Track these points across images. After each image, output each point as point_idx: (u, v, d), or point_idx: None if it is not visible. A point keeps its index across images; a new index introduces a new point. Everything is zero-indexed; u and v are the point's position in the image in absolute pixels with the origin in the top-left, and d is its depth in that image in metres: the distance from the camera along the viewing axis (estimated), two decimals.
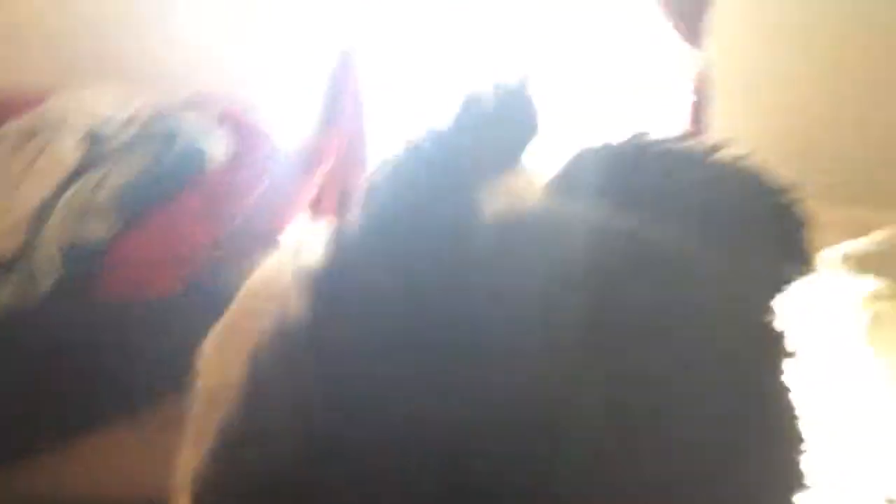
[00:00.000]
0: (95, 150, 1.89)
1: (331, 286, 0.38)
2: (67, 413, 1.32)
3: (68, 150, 1.86)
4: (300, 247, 1.04)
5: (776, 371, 0.42)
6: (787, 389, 0.42)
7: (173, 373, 1.33)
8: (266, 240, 1.72)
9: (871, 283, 1.95)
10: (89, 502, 1.38)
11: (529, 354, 0.32)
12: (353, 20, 2.45)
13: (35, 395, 1.29)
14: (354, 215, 0.40)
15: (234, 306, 1.03)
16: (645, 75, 2.84)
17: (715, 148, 0.54)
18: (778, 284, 0.47)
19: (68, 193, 1.72)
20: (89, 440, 1.37)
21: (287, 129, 2.27)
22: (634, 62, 2.83)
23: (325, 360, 0.35)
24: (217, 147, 1.90)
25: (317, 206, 2.01)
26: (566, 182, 0.61)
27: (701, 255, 0.40)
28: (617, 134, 0.60)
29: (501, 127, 0.47)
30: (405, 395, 0.32)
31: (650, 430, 0.31)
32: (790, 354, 0.42)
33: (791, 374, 0.48)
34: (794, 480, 0.41)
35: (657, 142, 0.55)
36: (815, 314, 1.87)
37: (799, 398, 0.48)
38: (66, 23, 2.36)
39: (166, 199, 1.74)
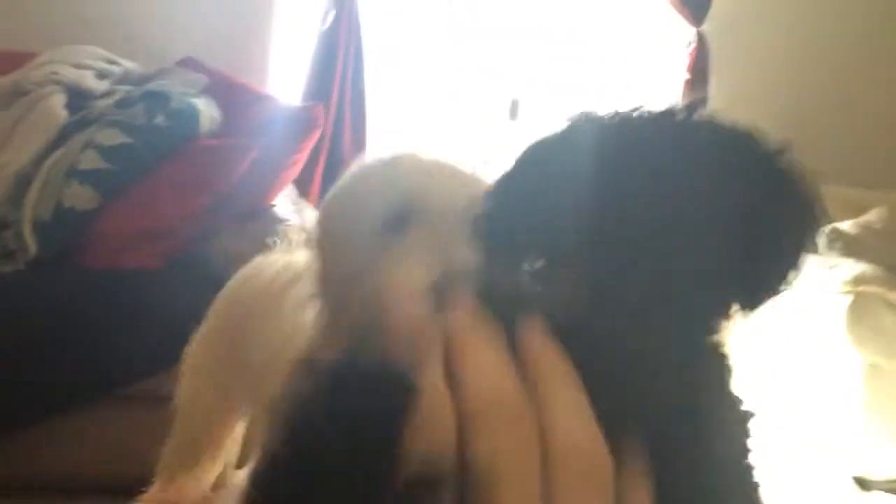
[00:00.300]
0: (84, 108, 1.87)
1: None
2: (49, 387, 1.30)
3: (56, 109, 1.84)
4: (276, 257, 1.05)
5: (726, 387, 0.44)
6: (738, 401, 0.44)
7: (157, 351, 1.34)
8: (252, 212, 1.72)
9: (855, 267, 1.97)
10: (69, 484, 1.36)
11: None
12: None
13: (15, 367, 1.26)
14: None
15: (212, 313, 1.05)
16: (641, 51, 2.82)
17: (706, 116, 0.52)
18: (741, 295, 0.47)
19: (55, 156, 1.69)
20: (70, 419, 1.35)
21: (277, 96, 2.25)
22: (631, 38, 2.81)
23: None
24: (207, 113, 1.88)
25: (306, 181, 2.00)
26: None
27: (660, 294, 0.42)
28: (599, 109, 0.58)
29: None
30: None
31: None
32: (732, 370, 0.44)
33: (768, 361, 0.49)
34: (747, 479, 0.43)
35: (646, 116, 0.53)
36: (795, 297, 1.88)
37: (772, 383, 0.50)
38: None
39: (155, 164, 1.72)
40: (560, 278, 0.47)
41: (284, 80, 2.49)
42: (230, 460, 1.07)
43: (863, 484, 1.94)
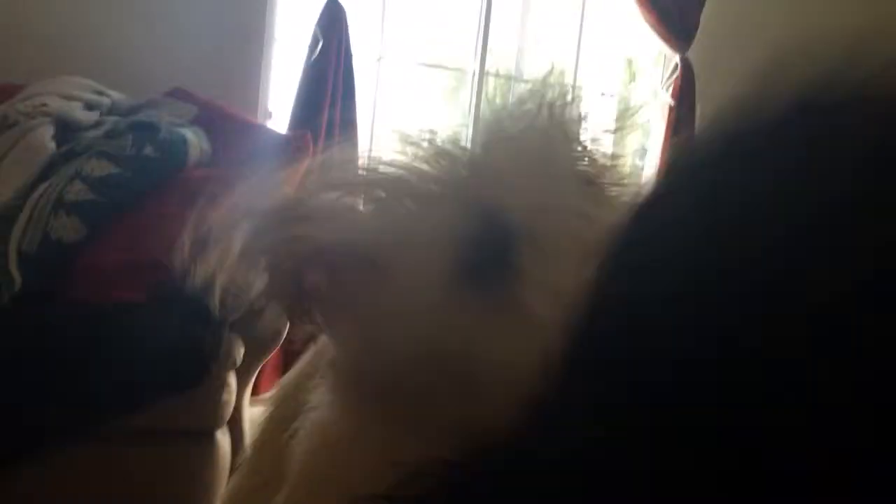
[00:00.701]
0: (72, 140, 1.86)
1: None
2: (36, 422, 1.27)
3: (44, 141, 1.83)
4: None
5: None
6: None
7: (144, 385, 1.32)
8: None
9: None
10: None
11: None
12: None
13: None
14: None
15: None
16: (625, 80, 2.85)
17: None
18: None
19: (42, 187, 1.68)
20: (49, 461, 1.32)
21: (267, 125, 2.26)
22: (613, 69, 2.84)
23: None
24: (196, 144, 1.89)
25: None
26: None
27: None
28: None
29: None
30: None
31: None
32: None
33: None
34: None
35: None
36: None
37: None
38: (36, 22, 2.34)
39: (144, 195, 1.71)
40: None
41: (276, 110, 2.50)
42: None
43: None
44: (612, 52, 2.86)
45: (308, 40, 2.43)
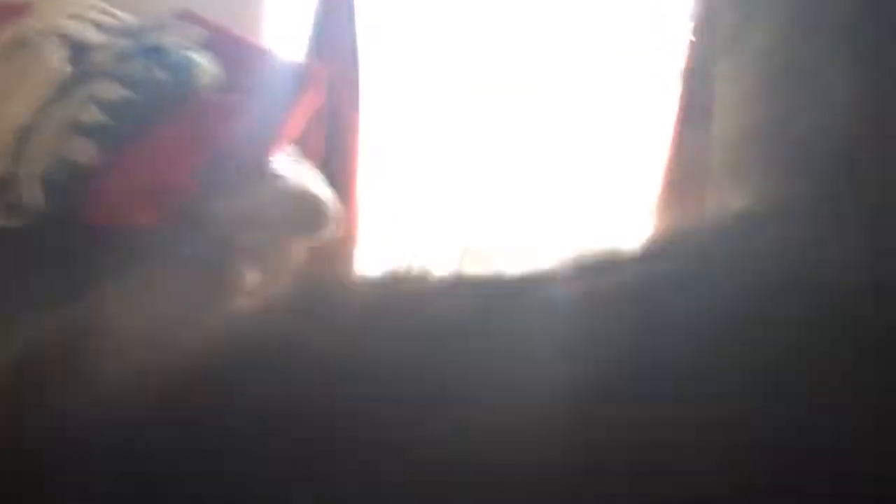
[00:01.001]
0: (85, 60, 1.87)
1: None
2: None
3: (57, 62, 1.83)
4: None
5: None
6: None
7: None
8: (250, 170, 1.73)
9: None
10: None
11: None
12: None
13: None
14: None
15: None
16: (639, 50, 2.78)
17: None
18: None
19: (55, 109, 1.70)
20: None
21: (276, 51, 2.24)
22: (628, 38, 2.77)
23: None
24: (206, 68, 1.89)
25: (304, 146, 2.01)
26: None
27: None
28: None
29: None
30: None
31: None
32: None
33: None
34: None
35: None
36: None
37: None
38: None
39: (155, 119, 1.73)
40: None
41: (283, 35, 2.47)
42: None
43: None
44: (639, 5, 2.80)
45: None
